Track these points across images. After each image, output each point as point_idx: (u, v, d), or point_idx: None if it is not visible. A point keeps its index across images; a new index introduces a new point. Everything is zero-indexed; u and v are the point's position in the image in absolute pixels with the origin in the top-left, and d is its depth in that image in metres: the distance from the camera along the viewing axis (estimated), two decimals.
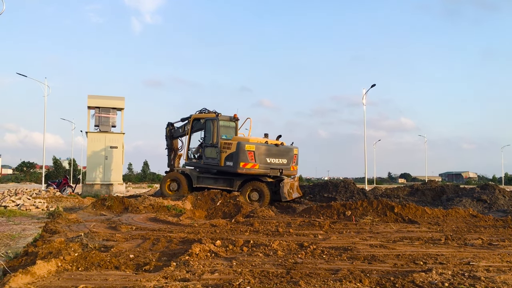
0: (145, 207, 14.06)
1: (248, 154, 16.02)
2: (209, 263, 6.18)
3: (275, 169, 16.59)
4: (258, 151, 16.20)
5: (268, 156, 16.42)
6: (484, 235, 9.32)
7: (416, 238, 8.89)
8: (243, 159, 16.04)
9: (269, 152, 16.48)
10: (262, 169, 16.29)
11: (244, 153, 16.03)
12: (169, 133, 19.90)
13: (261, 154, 16.25)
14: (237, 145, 16.19)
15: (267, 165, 16.39)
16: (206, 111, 18.37)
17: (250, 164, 16.10)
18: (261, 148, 16.33)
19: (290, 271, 5.70)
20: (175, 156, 19.83)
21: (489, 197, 16.96)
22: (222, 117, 17.53)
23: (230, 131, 17.82)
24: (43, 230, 9.55)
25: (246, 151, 16.02)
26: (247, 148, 16.03)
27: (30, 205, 14.92)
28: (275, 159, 16.63)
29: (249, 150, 16.02)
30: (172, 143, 19.83)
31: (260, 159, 16.20)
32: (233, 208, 14.18)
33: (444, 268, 5.91)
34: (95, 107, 25.65)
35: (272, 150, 16.60)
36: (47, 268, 5.45)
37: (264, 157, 16.31)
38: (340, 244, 8.06)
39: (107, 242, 8.09)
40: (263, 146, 16.45)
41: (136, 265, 6.11)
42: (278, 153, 16.73)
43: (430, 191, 20.12)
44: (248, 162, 16.06)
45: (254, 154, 16.09)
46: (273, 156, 16.59)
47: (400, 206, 12.73)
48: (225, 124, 17.72)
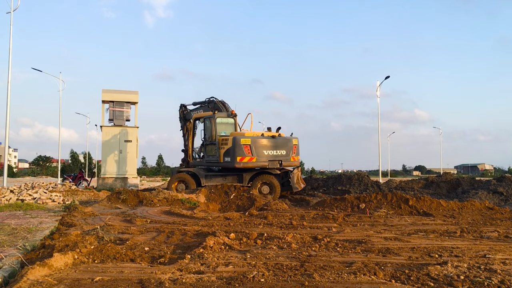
0: (159, 200, 14.15)
1: (244, 147, 16.11)
2: (223, 255, 6.21)
3: (273, 161, 16.58)
4: (255, 144, 16.27)
5: (265, 148, 16.45)
6: (501, 228, 9.22)
7: (431, 230, 8.82)
8: (239, 153, 16.14)
9: (266, 144, 16.50)
10: (260, 161, 16.34)
11: (240, 147, 16.13)
12: (181, 114, 20.09)
13: (258, 147, 16.31)
14: (233, 140, 16.29)
15: (265, 157, 16.42)
16: (214, 100, 18.46)
17: (247, 158, 16.19)
18: (258, 141, 16.37)
19: (304, 263, 5.70)
20: (189, 137, 20.01)
21: (505, 189, 16.74)
22: (219, 114, 17.77)
23: (229, 127, 17.90)
24: (59, 223, 9.67)
25: (242, 145, 16.11)
26: (242, 142, 16.12)
27: (46, 198, 15.12)
28: (273, 151, 16.61)
29: (245, 144, 16.12)
30: (186, 124, 20.00)
31: (257, 152, 16.26)
32: (247, 201, 14.21)
33: (459, 261, 5.86)
34: (109, 101, 25.82)
35: (269, 142, 16.60)
36: (64, 261, 5.52)
37: (261, 149, 16.36)
38: (354, 237, 8.04)
39: (122, 235, 8.17)
40: (260, 138, 16.50)
41: (151, 258, 6.16)
42: (275, 145, 16.71)
43: (445, 183, 19.93)
44: (244, 156, 16.16)
45: (250, 147, 16.17)
46: (271, 148, 16.59)
47: (415, 199, 12.63)
48: (223, 121, 17.90)
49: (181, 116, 20.15)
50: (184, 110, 20.05)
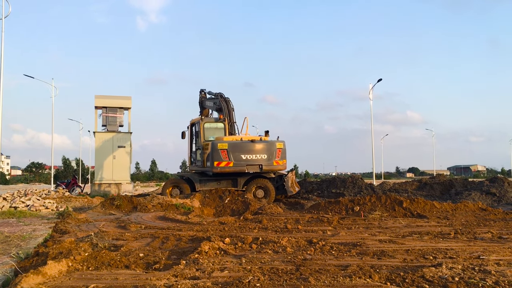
0: (153, 206, 14.11)
1: (221, 152, 16.13)
2: (219, 260, 6.20)
3: (253, 165, 16.45)
4: (232, 149, 16.23)
5: (243, 152, 16.34)
6: (494, 229, 9.27)
7: (425, 232, 8.86)
8: (216, 158, 16.18)
9: (244, 148, 16.40)
10: (238, 166, 16.27)
11: (217, 152, 16.16)
12: (200, 100, 20.08)
13: (235, 151, 16.25)
14: (211, 145, 16.37)
15: (243, 161, 16.32)
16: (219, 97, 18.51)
17: (224, 163, 16.19)
18: (235, 146, 16.34)
19: (299, 267, 5.70)
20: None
21: (498, 190, 16.85)
22: (207, 119, 17.99)
23: (218, 132, 17.96)
24: (53, 230, 9.61)
25: (219, 150, 16.15)
26: (219, 147, 16.15)
27: (39, 205, 15.02)
28: (252, 155, 16.45)
29: (222, 149, 16.14)
30: (203, 111, 19.99)
31: (235, 157, 16.20)
32: (241, 205, 14.20)
33: (454, 262, 5.89)
34: (102, 107, 25.75)
35: (248, 146, 16.47)
36: (58, 268, 5.49)
37: (238, 154, 16.27)
38: (349, 239, 8.05)
39: (116, 241, 8.13)
40: (237, 143, 16.48)
41: (146, 264, 6.14)
42: (255, 149, 16.54)
43: (439, 185, 20.01)
44: (221, 161, 16.16)
45: (227, 152, 16.15)
46: (250, 152, 16.44)
47: (409, 201, 12.68)
48: (211, 126, 18.05)
49: (200, 101, 20.18)
50: (203, 97, 19.99)
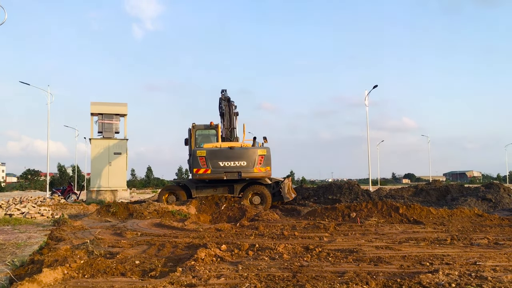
0: (149, 213, 14.07)
1: (200, 159, 16.28)
2: (215, 267, 6.18)
3: (231, 172, 16.41)
4: (210, 156, 16.32)
5: (221, 159, 16.37)
6: (490, 235, 9.29)
7: (422, 238, 8.86)
8: (195, 165, 16.36)
9: (222, 155, 16.43)
10: (215, 173, 16.32)
11: (196, 159, 16.35)
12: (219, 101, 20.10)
13: (213, 158, 16.33)
14: (192, 152, 16.59)
15: (221, 168, 16.34)
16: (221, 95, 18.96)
17: (202, 170, 16.32)
18: (213, 153, 16.43)
19: (296, 274, 5.69)
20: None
21: (494, 196, 16.89)
22: (198, 126, 18.13)
23: (210, 139, 18.03)
24: (48, 237, 9.56)
25: (197, 157, 16.32)
26: (198, 154, 16.33)
27: (35, 213, 14.95)
28: (230, 162, 16.42)
29: (200, 156, 16.30)
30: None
31: (212, 164, 16.28)
32: (238, 212, 14.17)
33: (450, 268, 5.89)
34: (98, 113, 25.70)
35: (226, 153, 16.48)
36: (53, 276, 5.45)
37: (216, 161, 16.33)
38: (346, 246, 8.04)
39: (112, 248, 8.10)
40: (215, 150, 16.57)
41: (142, 271, 6.11)
42: (233, 156, 16.49)
43: (435, 191, 20.06)
44: (200, 168, 16.30)
45: (205, 159, 16.27)
46: (228, 159, 16.43)
47: (405, 207, 12.69)
48: (203, 133, 18.24)
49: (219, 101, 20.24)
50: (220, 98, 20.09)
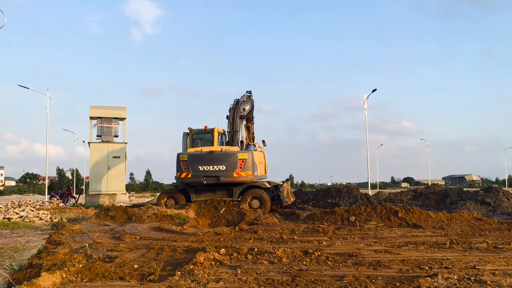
0: (148, 217, 14.04)
1: (182, 164, 16.46)
2: (214, 271, 6.17)
3: (210, 177, 16.35)
4: (191, 160, 16.41)
5: (201, 163, 16.35)
6: (489, 239, 9.28)
7: (421, 242, 8.86)
8: (178, 169, 16.57)
9: (201, 159, 16.41)
10: (195, 177, 16.40)
11: (179, 163, 16.52)
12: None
13: (193, 162, 16.40)
14: (176, 156, 16.77)
15: (200, 172, 16.34)
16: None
17: (184, 174, 16.47)
18: (193, 157, 16.50)
19: (295, 278, 5.68)
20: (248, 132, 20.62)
21: (493, 199, 16.89)
22: (194, 130, 18.16)
23: (206, 143, 18.01)
24: (47, 241, 9.54)
25: (180, 161, 16.48)
26: (180, 158, 16.54)
27: (33, 216, 14.92)
28: (210, 166, 16.34)
29: (182, 160, 16.47)
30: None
31: (193, 168, 16.34)
32: (237, 215, 14.16)
33: (449, 272, 5.89)
34: (97, 117, 25.70)
35: (206, 158, 16.42)
36: (51, 280, 5.44)
37: (196, 165, 16.36)
38: (345, 250, 8.04)
39: (111, 252, 8.09)
40: (196, 154, 16.61)
41: (141, 275, 6.10)
42: (213, 160, 16.38)
43: (434, 195, 20.05)
44: (182, 172, 16.46)
45: (186, 163, 16.41)
46: (207, 163, 16.35)
47: (404, 211, 12.69)
48: (199, 137, 18.26)
49: None
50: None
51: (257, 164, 16.86)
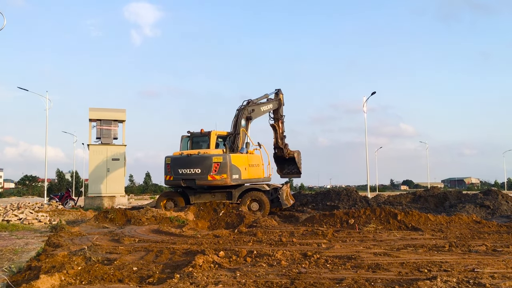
0: (147, 219, 14.03)
1: (167, 166, 16.85)
2: (213, 274, 6.17)
3: (187, 179, 16.55)
4: (173, 163, 16.76)
5: (180, 167, 16.61)
6: (488, 241, 9.29)
7: (420, 245, 8.86)
8: (165, 171, 17.00)
9: (181, 162, 16.68)
10: (176, 180, 16.73)
11: (165, 166, 16.96)
12: None
13: (175, 165, 16.71)
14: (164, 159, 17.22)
15: (180, 175, 16.58)
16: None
17: (168, 176, 16.82)
18: (175, 160, 16.86)
19: (294, 281, 5.68)
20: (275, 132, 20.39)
21: (492, 202, 16.90)
22: (194, 133, 18.33)
23: (203, 145, 18.06)
24: (46, 244, 9.53)
25: (166, 164, 16.92)
26: (166, 161, 16.96)
27: (32, 219, 14.90)
28: (187, 169, 16.51)
29: (167, 163, 16.88)
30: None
31: (174, 171, 16.67)
32: (236, 218, 14.14)
33: (448, 275, 5.89)
34: (97, 119, 25.69)
35: (184, 161, 16.67)
36: (50, 282, 5.44)
37: (176, 168, 16.64)
38: (344, 252, 8.04)
39: (110, 255, 8.08)
40: (177, 157, 16.99)
41: (140, 278, 6.09)
42: (190, 163, 16.54)
43: (433, 197, 20.06)
44: (167, 174, 16.86)
45: (170, 166, 16.76)
46: (185, 166, 16.56)
47: (403, 214, 12.69)
48: (197, 140, 18.36)
49: None
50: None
51: (238, 167, 16.72)
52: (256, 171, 17.95)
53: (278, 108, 20.18)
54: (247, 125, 18.22)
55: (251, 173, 17.44)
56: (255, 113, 18.62)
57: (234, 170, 16.47)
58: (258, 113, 18.89)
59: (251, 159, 17.83)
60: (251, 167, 17.57)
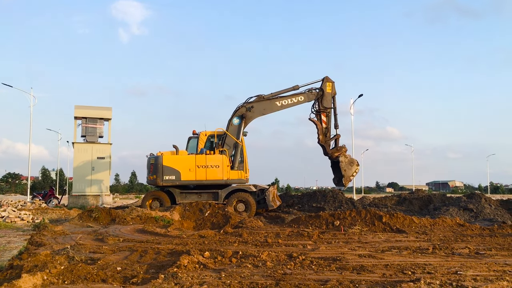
0: (132, 218, 13.92)
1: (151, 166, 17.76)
2: (198, 275, 6.14)
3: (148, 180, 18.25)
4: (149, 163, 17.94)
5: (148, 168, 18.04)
6: (471, 244, 9.39)
7: (404, 247, 8.93)
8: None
9: (149, 163, 17.93)
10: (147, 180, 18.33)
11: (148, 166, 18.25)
12: None
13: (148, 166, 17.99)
14: None
15: (147, 176, 18.05)
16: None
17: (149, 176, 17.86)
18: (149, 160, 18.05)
19: (279, 282, 5.68)
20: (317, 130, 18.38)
21: (475, 206, 17.09)
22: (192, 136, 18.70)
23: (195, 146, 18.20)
24: (28, 242, 9.40)
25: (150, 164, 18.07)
26: (151, 161, 17.85)
27: (15, 217, 14.70)
28: (147, 170, 18.11)
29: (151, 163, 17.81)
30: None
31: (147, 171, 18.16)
32: (222, 218, 14.10)
33: (432, 277, 5.94)
34: (82, 117, 25.47)
35: (149, 162, 17.93)
36: (32, 282, 5.36)
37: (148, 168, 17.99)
38: (329, 254, 8.06)
39: (93, 254, 8.00)
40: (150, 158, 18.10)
41: (124, 278, 6.04)
42: (148, 164, 18.03)
43: (418, 200, 20.22)
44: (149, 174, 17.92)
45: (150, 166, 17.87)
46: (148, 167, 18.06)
47: (388, 216, 12.78)
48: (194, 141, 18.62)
49: None
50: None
51: (176, 168, 17.17)
52: (213, 172, 17.23)
53: (320, 99, 18.15)
54: (241, 124, 17.82)
55: (200, 174, 17.13)
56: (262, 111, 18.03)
57: (167, 172, 17.12)
58: (271, 108, 17.99)
59: (205, 160, 17.26)
60: (204, 168, 17.17)
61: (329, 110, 18.16)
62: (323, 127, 18.20)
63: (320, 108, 18.13)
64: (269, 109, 18.03)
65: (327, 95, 18.10)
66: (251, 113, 17.85)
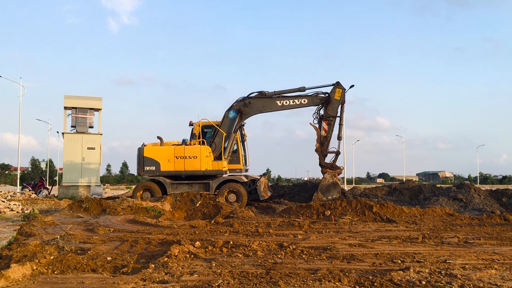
0: (123, 209, 13.88)
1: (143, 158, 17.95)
2: (188, 264, 6.13)
3: None
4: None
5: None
6: (460, 234, 9.48)
7: (394, 237, 8.99)
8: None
9: None
10: None
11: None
12: None
13: None
14: None
15: None
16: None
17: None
18: None
19: (269, 271, 5.69)
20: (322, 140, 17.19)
21: (464, 196, 17.23)
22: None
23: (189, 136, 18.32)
24: (18, 233, 9.35)
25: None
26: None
27: (4, 207, 14.58)
28: None
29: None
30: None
31: None
32: (213, 209, 14.12)
33: (421, 266, 5.99)
34: (72, 107, 25.26)
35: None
36: (21, 272, 5.33)
37: None
38: (320, 243, 8.09)
39: (84, 244, 7.96)
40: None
41: (114, 268, 6.02)
42: None
43: (408, 190, 20.34)
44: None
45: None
46: None
47: (379, 206, 12.86)
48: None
49: None
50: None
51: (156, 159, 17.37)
52: (191, 163, 17.18)
53: (325, 106, 17.02)
54: (237, 118, 17.65)
55: (179, 165, 17.17)
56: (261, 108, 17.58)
57: (147, 162, 17.41)
58: (271, 107, 17.47)
59: (183, 151, 17.22)
60: (182, 159, 17.15)
61: (333, 118, 16.99)
62: (322, 135, 17.08)
63: (323, 114, 17.03)
64: (268, 107, 17.47)
65: (334, 102, 16.91)
66: (248, 109, 17.49)
